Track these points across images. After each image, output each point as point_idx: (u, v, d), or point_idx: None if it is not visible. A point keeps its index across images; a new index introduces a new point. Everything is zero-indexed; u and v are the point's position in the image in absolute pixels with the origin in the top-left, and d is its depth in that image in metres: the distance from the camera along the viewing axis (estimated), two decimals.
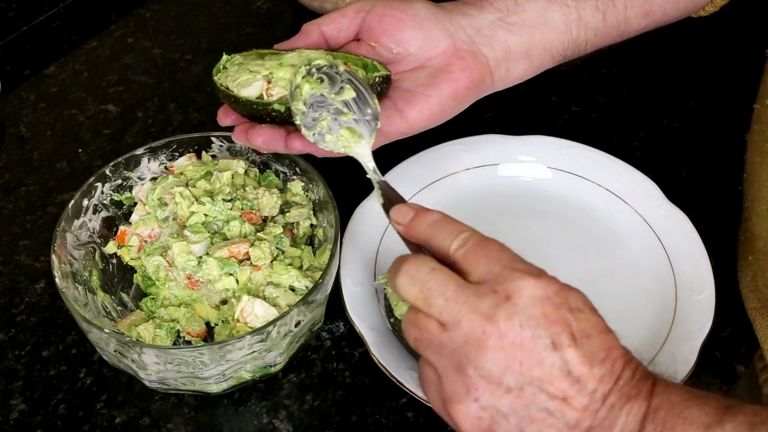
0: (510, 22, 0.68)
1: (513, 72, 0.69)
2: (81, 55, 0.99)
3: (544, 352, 0.47)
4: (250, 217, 0.73)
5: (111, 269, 0.73)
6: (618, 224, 0.78)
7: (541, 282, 0.48)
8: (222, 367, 0.63)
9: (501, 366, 0.47)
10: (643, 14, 0.72)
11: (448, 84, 0.66)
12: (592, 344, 0.47)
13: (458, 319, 0.48)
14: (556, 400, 0.47)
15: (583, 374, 0.47)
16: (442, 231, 0.52)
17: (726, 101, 0.92)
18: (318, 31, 0.68)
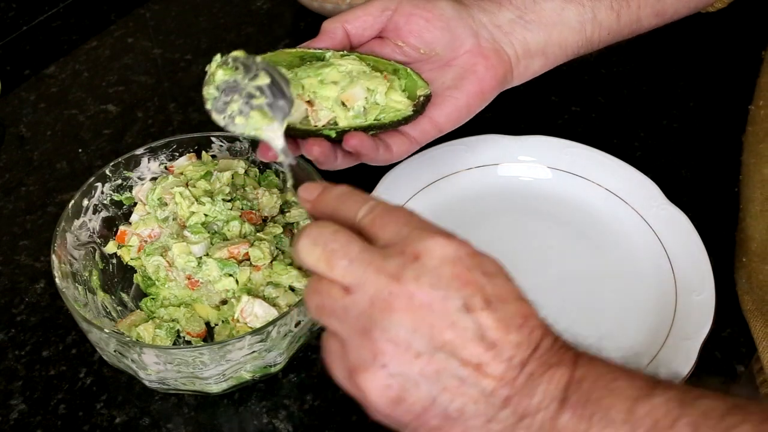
0: (528, 20, 0.70)
1: (530, 68, 0.71)
2: (81, 55, 0.99)
3: (456, 314, 0.43)
4: (250, 217, 0.73)
5: (111, 269, 0.73)
6: (618, 224, 0.78)
7: (452, 242, 0.45)
8: (222, 367, 0.63)
9: (409, 328, 0.43)
10: (655, 14, 0.73)
11: (475, 84, 0.68)
12: (508, 309, 0.44)
13: (363, 281, 0.44)
14: (470, 367, 0.43)
15: (499, 339, 0.44)
16: (348, 201, 0.50)
17: (726, 101, 0.92)
18: (342, 29, 0.67)
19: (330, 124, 0.64)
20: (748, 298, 0.71)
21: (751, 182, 0.70)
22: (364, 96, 0.65)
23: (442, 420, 0.44)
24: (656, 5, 0.73)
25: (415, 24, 0.67)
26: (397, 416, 0.45)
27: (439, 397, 0.44)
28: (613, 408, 0.43)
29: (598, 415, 0.43)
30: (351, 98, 0.64)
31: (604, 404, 0.43)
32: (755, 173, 0.69)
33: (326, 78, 0.65)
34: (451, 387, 0.44)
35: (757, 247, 0.69)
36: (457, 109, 0.68)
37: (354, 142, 0.63)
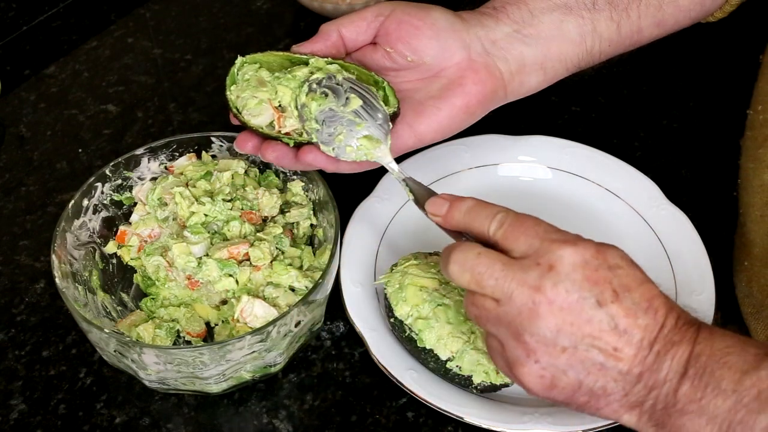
0: (526, 34, 0.68)
1: (526, 84, 0.70)
2: (81, 55, 0.99)
3: (591, 310, 0.51)
4: (250, 217, 0.73)
5: (111, 269, 0.73)
6: (618, 224, 0.78)
7: (578, 248, 0.52)
8: (222, 367, 0.63)
9: (554, 329, 0.51)
10: (656, 24, 0.72)
11: (460, 97, 0.66)
12: (634, 296, 0.51)
13: (509, 293, 0.52)
14: (607, 353, 0.51)
15: (629, 326, 0.51)
16: (479, 216, 0.57)
17: (726, 102, 0.92)
18: (337, 33, 0.68)
19: (293, 133, 0.65)
20: (748, 302, 0.71)
21: (750, 187, 0.70)
22: None
23: (589, 397, 0.53)
24: (657, 15, 0.72)
25: (404, 31, 0.66)
26: (551, 397, 0.54)
27: (585, 380, 0.52)
28: (724, 379, 0.50)
29: (711, 386, 0.50)
30: None
31: (717, 376, 0.50)
32: (754, 178, 0.69)
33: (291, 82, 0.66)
34: (594, 371, 0.52)
35: (759, 251, 0.69)
36: (438, 120, 0.66)
37: (310, 156, 0.64)
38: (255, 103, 0.66)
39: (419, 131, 0.66)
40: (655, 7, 0.71)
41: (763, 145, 0.68)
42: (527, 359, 0.53)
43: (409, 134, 0.66)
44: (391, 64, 0.68)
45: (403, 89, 0.67)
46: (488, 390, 0.65)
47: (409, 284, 0.66)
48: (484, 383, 0.65)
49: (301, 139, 0.65)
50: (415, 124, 0.66)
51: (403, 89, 0.67)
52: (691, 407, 0.50)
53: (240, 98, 0.67)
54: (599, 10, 0.70)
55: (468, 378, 0.64)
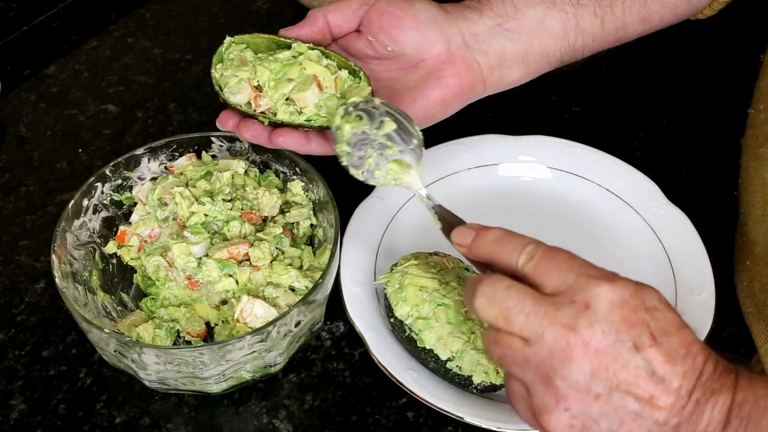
0: (508, 28, 0.69)
1: (507, 78, 0.70)
2: (81, 55, 0.99)
3: (628, 355, 0.48)
4: (250, 217, 0.73)
5: (111, 269, 0.73)
6: (618, 224, 0.78)
7: (617, 287, 0.49)
8: (222, 367, 0.63)
9: (587, 374, 0.48)
10: (641, 20, 0.72)
11: (437, 90, 0.67)
12: (672, 342, 0.48)
13: (540, 332, 0.49)
14: (644, 401, 0.48)
15: (667, 373, 0.48)
16: (506, 247, 0.53)
17: (726, 101, 0.92)
18: (323, 19, 0.69)
19: (268, 112, 0.67)
20: (750, 302, 0.71)
21: (751, 186, 0.70)
22: (314, 101, 0.66)
23: None
24: (642, 11, 0.72)
25: (386, 21, 0.67)
26: None
27: (618, 430, 0.49)
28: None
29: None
30: (302, 100, 0.66)
31: (763, 425, 0.48)
32: (755, 177, 0.69)
33: (286, 75, 0.67)
34: (628, 420, 0.48)
35: (761, 251, 0.69)
36: (414, 111, 0.66)
37: (281, 139, 0.66)
38: (235, 82, 0.67)
39: None
40: (640, 3, 0.71)
41: (764, 144, 0.68)
42: (556, 406, 0.49)
43: None
44: (372, 52, 0.69)
45: (382, 78, 0.69)
46: (488, 390, 0.65)
47: (409, 284, 0.66)
48: (484, 383, 0.64)
49: (275, 119, 0.66)
50: None
51: (382, 78, 0.69)
52: None
53: (223, 76, 0.68)
54: (583, 5, 0.70)
55: (468, 378, 0.64)
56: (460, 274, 0.68)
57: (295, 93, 0.66)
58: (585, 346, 0.48)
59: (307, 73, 0.67)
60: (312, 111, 0.66)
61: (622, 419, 0.48)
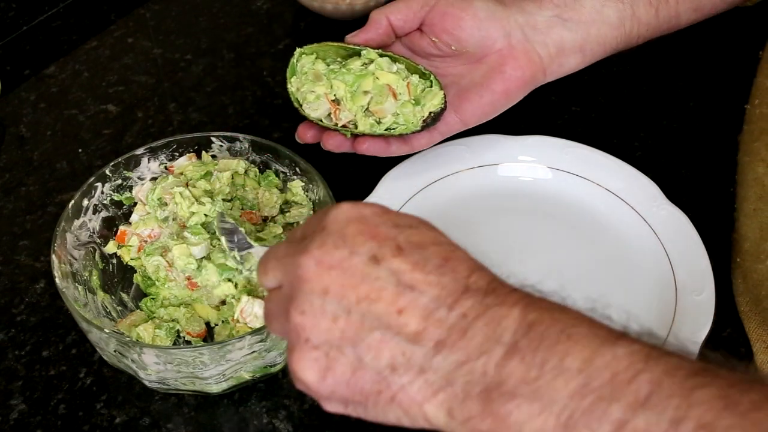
0: (567, 18, 0.71)
1: (565, 66, 0.74)
2: (81, 55, 0.99)
3: (366, 267, 0.41)
4: (250, 217, 0.73)
5: (111, 269, 0.73)
6: (618, 224, 0.78)
7: (358, 205, 0.44)
8: (222, 367, 0.63)
9: (320, 293, 0.42)
10: (694, 9, 0.74)
11: (501, 83, 0.71)
12: (425, 253, 0.42)
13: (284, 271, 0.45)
14: (390, 315, 0.41)
15: (417, 281, 0.41)
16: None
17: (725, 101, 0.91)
18: (386, 20, 0.72)
19: (350, 125, 0.72)
20: (743, 300, 0.71)
21: (745, 181, 0.70)
22: (392, 111, 0.71)
23: (376, 382, 0.41)
24: (695, 0, 0.74)
25: (448, 22, 0.71)
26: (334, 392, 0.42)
27: (365, 357, 0.41)
28: (569, 356, 0.38)
29: (551, 363, 0.38)
30: (381, 112, 0.71)
31: (559, 351, 0.39)
32: (749, 172, 0.70)
33: (361, 86, 0.71)
34: (374, 342, 0.41)
35: (750, 246, 0.69)
36: (481, 106, 0.72)
37: (365, 146, 0.71)
38: (313, 98, 0.71)
39: (464, 117, 0.72)
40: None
41: (759, 138, 0.69)
42: (297, 340, 0.42)
43: (455, 119, 0.72)
44: (437, 51, 0.73)
45: (448, 74, 0.73)
46: None
47: None
48: None
49: (356, 131, 0.71)
50: (460, 110, 0.72)
51: (448, 74, 0.73)
52: (521, 389, 0.38)
53: (300, 91, 0.72)
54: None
55: None
56: None
57: (373, 105, 0.71)
58: (316, 265, 0.42)
59: (380, 83, 0.71)
60: (390, 120, 0.71)
61: (367, 341, 0.41)
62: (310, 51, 0.74)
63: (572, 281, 0.74)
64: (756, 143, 0.69)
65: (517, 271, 0.74)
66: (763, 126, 0.69)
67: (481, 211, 0.80)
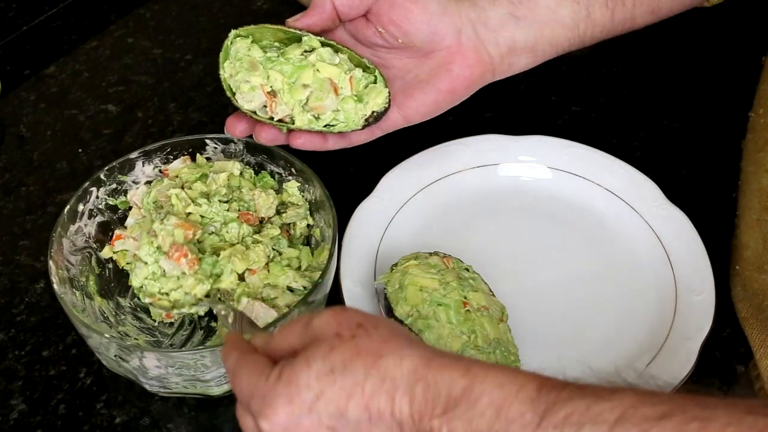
0: (520, 16, 0.69)
1: (515, 66, 0.71)
2: (81, 55, 0.99)
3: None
4: (247, 218, 0.72)
5: (107, 274, 0.73)
6: (618, 224, 0.78)
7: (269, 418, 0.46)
8: (223, 369, 0.62)
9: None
10: (650, 11, 0.73)
11: (447, 81, 0.68)
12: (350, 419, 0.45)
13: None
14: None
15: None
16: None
17: (726, 101, 0.92)
18: (331, 4, 0.68)
19: (286, 119, 0.67)
20: (743, 306, 0.71)
21: (749, 190, 0.70)
22: (333, 109, 0.67)
23: None
24: (651, 3, 0.72)
25: (396, 13, 0.67)
26: None
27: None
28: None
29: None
30: (320, 108, 0.67)
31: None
32: (753, 182, 0.69)
33: (300, 79, 0.66)
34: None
35: (750, 255, 0.69)
36: (426, 104, 0.69)
37: (300, 141, 0.68)
38: (248, 88, 0.67)
39: (407, 113, 0.69)
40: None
41: (763, 148, 0.68)
42: None
43: (397, 115, 0.69)
44: (382, 42, 0.69)
45: (394, 66, 0.70)
46: None
47: (409, 284, 0.66)
48: None
49: (294, 126, 0.67)
50: (403, 107, 0.69)
51: (394, 66, 0.70)
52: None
53: (233, 79, 0.67)
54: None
55: None
56: (459, 274, 0.68)
57: (312, 101, 0.66)
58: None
59: (321, 76, 0.67)
60: (330, 116, 0.67)
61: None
62: (246, 33, 0.68)
63: (572, 281, 0.74)
64: (761, 153, 0.68)
65: (517, 270, 0.74)
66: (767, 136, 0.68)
67: (481, 211, 0.80)
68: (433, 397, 0.44)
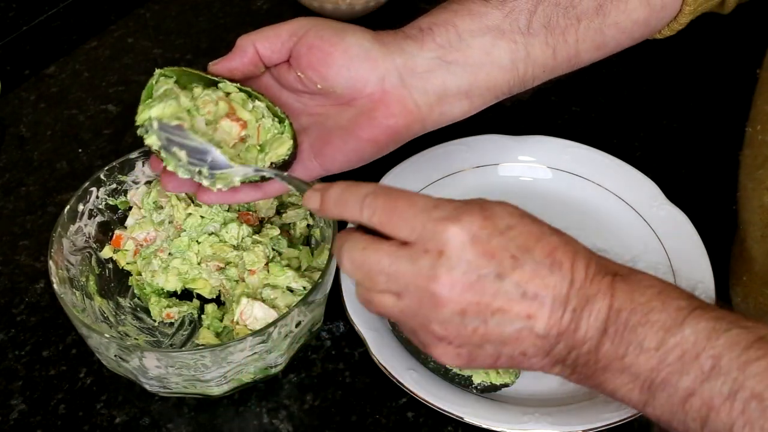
0: (450, 60, 0.63)
1: (448, 114, 0.65)
2: (81, 55, 0.99)
3: (494, 285, 0.49)
4: (247, 218, 0.72)
5: (107, 274, 0.73)
6: (618, 224, 0.78)
7: (464, 224, 0.49)
8: (223, 369, 0.62)
9: (459, 313, 0.49)
10: (596, 47, 0.68)
11: (369, 130, 0.63)
12: (535, 256, 0.49)
13: (405, 287, 0.50)
14: (521, 321, 0.49)
15: (537, 289, 0.49)
16: (348, 205, 0.53)
17: (726, 101, 0.92)
18: (253, 48, 0.63)
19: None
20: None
21: (750, 206, 0.69)
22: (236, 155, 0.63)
23: (510, 361, 0.52)
24: (597, 38, 0.67)
25: (314, 57, 0.62)
26: (473, 367, 0.53)
27: (504, 350, 0.51)
28: (647, 338, 0.48)
29: (633, 344, 0.49)
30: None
31: (639, 334, 0.49)
32: (754, 199, 0.68)
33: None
34: (511, 340, 0.50)
35: (760, 269, 0.69)
36: (345, 153, 0.63)
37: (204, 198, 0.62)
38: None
39: (324, 162, 0.63)
40: (595, 30, 0.66)
41: (763, 166, 0.67)
42: (440, 342, 0.51)
43: (314, 164, 0.63)
44: (302, 87, 0.64)
45: (313, 113, 0.65)
46: (488, 390, 0.65)
47: None
48: (484, 383, 0.65)
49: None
50: (321, 155, 0.63)
51: (313, 113, 0.65)
52: (613, 365, 0.49)
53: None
54: (534, 34, 0.65)
55: (468, 378, 0.64)
56: None
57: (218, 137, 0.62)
58: (450, 290, 0.49)
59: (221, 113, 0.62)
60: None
61: (504, 341, 0.50)
62: (171, 74, 0.64)
63: None
64: (760, 171, 0.67)
65: None
66: (766, 154, 0.67)
67: None
68: (605, 267, 0.51)
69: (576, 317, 0.49)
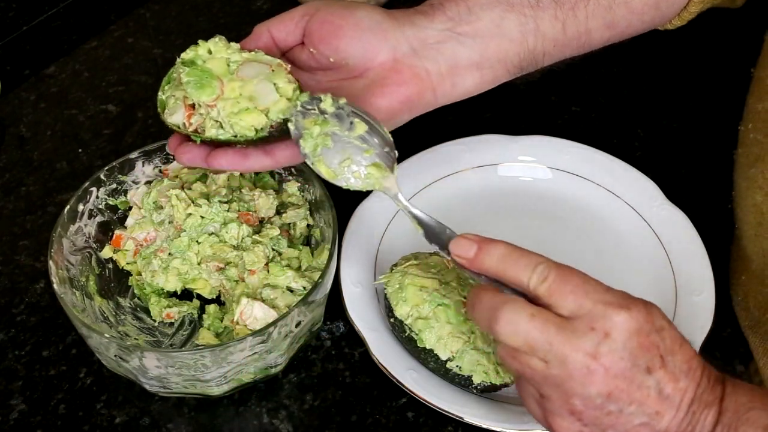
0: (460, 32, 0.64)
1: (460, 86, 0.66)
2: (81, 55, 0.99)
3: (642, 377, 0.52)
4: (247, 218, 0.72)
5: (107, 274, 0.73)
6: (618, 224, 0.78)
7: (632, 314, 0.52)
8: (223, 369, 0.62)
9: (605, 395, 0.52)
10: (606, 26, 0.68)
11: (381, 98, 0.63)
12: (677, 360, 0.52)
13: (563, 358, 0.51)
14: (651, 416, 0.52)
15: (672, 391, 0.52)
16: (515, 265, 0.54)
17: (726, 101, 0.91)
18: (268, 34, 0.65)
19: (199, 128, 0.63)
20: (745, 315, 0.71)
21: (744, 204, 0.69)
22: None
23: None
24: (606, 16, 0.67)
25: (326, 31, 0.64)
26: None
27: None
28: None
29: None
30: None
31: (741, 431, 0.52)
32: (747, 197, 0.69)
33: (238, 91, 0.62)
34: (633, 429, 0.53)
35: (756, 267, 0.69)
36: None
37: (215, 162, 0.62)
38: (173, 102, 0.64)
39: None
40: (604, 7, 0.67)
41: (754, 164, 0.67)
42: (570, 416, 0.53)
43: None
44: (316, 64, 0.65)
45: (327, 88, 0.65)
46: (488, 390, 0.65)
47: (409, 284, 0.66)
48: (484, 383, 0.64)
49: (204, 136, 0.62)
50: None
51: (327, 88, 0.65)
52: None
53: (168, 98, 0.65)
54: (543, 7, 0.66)
55: (468, 378, 0.64)
56: (460, 274, 0.68)
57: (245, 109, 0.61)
58: (605, 372, 0.51)
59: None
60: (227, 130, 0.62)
61: (628, 430, 0.53)
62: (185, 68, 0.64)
63: None
64: (752, 170, 0.67)
65: None
66: (757, 152, 0.67)
67: (481, 211, 0.80)
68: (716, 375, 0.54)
69: (694, 419, 0.53)
